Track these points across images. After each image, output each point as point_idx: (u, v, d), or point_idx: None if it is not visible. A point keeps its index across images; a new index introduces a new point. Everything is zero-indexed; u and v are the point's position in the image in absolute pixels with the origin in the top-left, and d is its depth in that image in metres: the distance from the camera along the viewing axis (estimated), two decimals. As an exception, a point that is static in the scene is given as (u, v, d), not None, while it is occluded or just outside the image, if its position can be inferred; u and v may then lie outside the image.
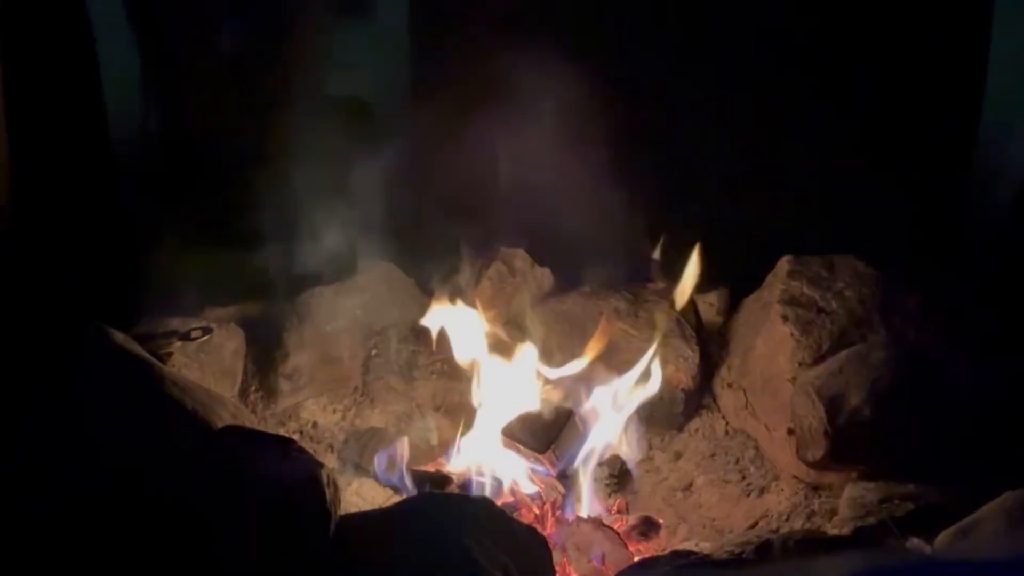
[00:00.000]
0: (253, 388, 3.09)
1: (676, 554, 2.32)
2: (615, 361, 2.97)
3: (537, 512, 2.64)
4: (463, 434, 2.83)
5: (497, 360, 2.91)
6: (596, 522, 2.56)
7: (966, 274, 3.18)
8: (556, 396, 2.93)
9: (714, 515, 2.77)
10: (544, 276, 3.29)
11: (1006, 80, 3.30)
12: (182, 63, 3.43)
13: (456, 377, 3.00)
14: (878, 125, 3.25)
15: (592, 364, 2.90)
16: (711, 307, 3.27)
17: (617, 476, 2.80)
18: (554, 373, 2.92)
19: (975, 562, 0.93)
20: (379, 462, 2.73)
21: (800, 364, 2.85)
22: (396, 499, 2.67)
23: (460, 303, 3.03)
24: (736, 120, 3.24)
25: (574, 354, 2.96)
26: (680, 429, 3.03)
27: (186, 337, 2.95)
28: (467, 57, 3.31)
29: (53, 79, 3.09)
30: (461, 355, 2.94)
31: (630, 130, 3.27)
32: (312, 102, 3.52)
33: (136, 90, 3.39)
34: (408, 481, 2.69)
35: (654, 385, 2.87)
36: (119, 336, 2.52)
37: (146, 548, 2.00)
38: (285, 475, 2.16)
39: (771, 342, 2.95)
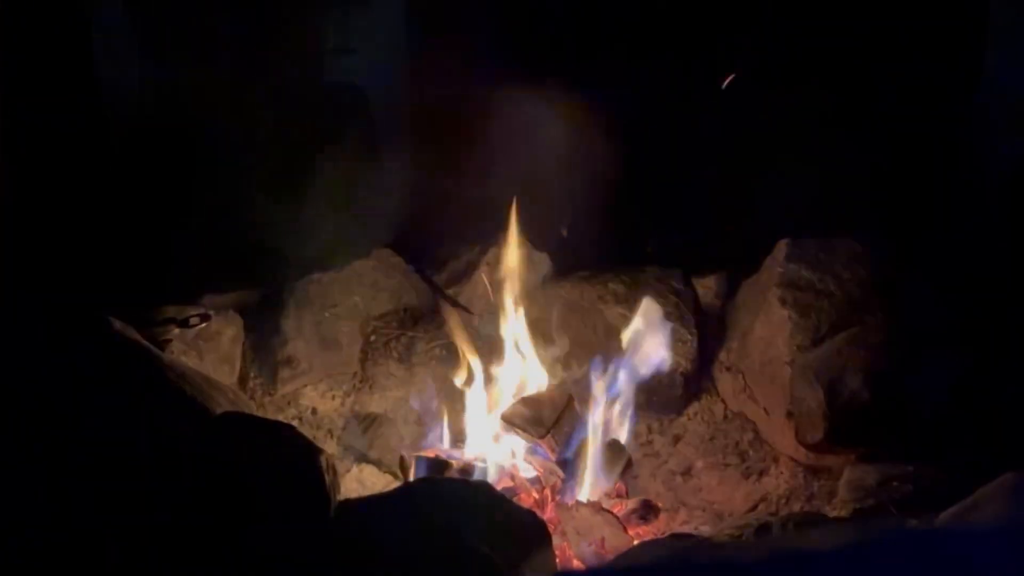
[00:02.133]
0: (252, 375, 3.09)
1: (675, 537, 2.33)
2: (614, 345, 2.97)
3: (537, 496, 2.64)
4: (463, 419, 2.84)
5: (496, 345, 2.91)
6: (596, 506, 2.56)
7: (964, 256, 3.18)
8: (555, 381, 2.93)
9: (713, 498, 2.78)
10: (542, 261, 3.29)
11: (1003, 61, 3.29)
12: (182, 50, 3.42)
13: (455, 362, 3.00)
14: (876, 109, 3.25)
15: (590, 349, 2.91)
16: (709, 290, 3.27)
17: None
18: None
19: (971, 532, 0.93)
20: None
21: (798, 347, 2.85)
22: (395, 484, 2.67)
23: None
24: (733, 105, 3.24)
25: (571, 338, 2.96)
26: (679, 413, 3.03)
27: (184, 324, 2.95)
28: (466, 49, 3.31)
29: (48, 66, 3.09)
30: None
31: (626, 114, 3.27)
32: (310, 89, 3.52)
33: (133, 77, 3.38)
34: None
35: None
36: (117, 324, 2.51)
37: (144, 533, 2.00)
38: (284, 461, 2.16)
39: (769, 325, 2.95)
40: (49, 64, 3.10)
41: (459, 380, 2.87)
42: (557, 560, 2.34)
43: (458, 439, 2.81)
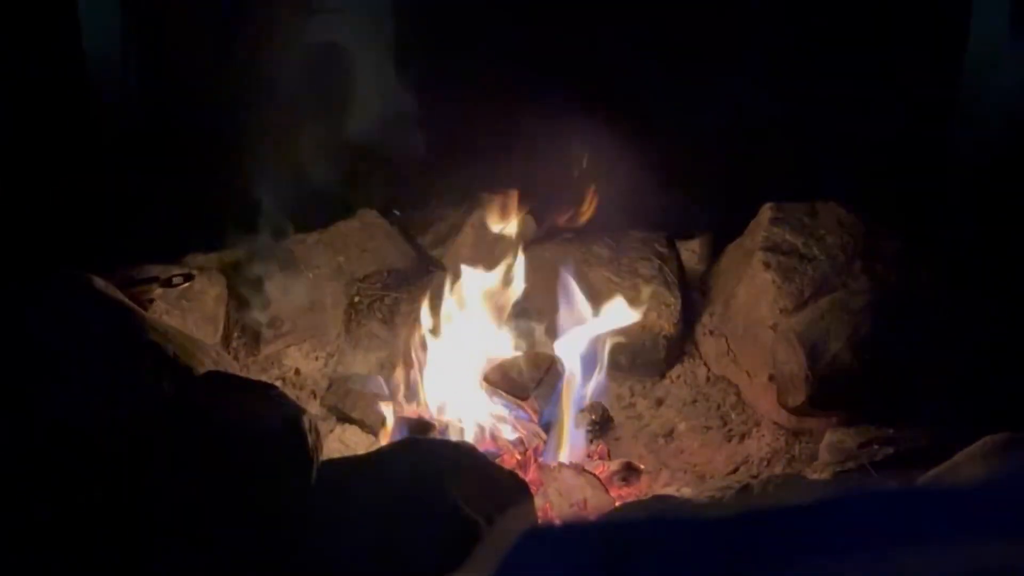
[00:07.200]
0: (236, 335, 3.08)
1: (657, 499, 2.34)
2: (597, 308, 2.97)
3: (519, 458, 2.65)
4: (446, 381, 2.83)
5: (478, 306, 2.90)
6: (578, 468, 2.57)
7: (947, 220, 3.19)
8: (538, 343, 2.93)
9: (695, 460, 2.79)
10: (527, 223, 3.28)
11: (990, 24, 3.28)
12: (163, 11, 3.39)
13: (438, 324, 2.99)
14: (861, 70, 3.24)
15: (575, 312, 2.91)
16: (693, 254, 3.28)
17: (599, 422, 2.81)
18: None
19: (948, 491, 0.93)
20: None
21: (782, 311, 2.86)
22: (378, 445, 2.68)
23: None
24: (717, 68, 3.23)
25: (555, 300, 2.96)
26: (662, 376, 3.04)
27: (168, 283, 2.94)
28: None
29: (32, 28, 3.06)
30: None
31: (612, 81, 3.25)
32: (293, 48, 3.49)
33: (116, 36, 3.34)
34: None
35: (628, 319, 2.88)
36: (100, 282, 2.50)
37: (126, 495, 2.00)
38: (267, 421, 2.16)
39: (753, 289, 2.95)
40: (32, 24, 3.07)
41: (441, 342, 2.86)
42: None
43: (440, 401, 2.81)
